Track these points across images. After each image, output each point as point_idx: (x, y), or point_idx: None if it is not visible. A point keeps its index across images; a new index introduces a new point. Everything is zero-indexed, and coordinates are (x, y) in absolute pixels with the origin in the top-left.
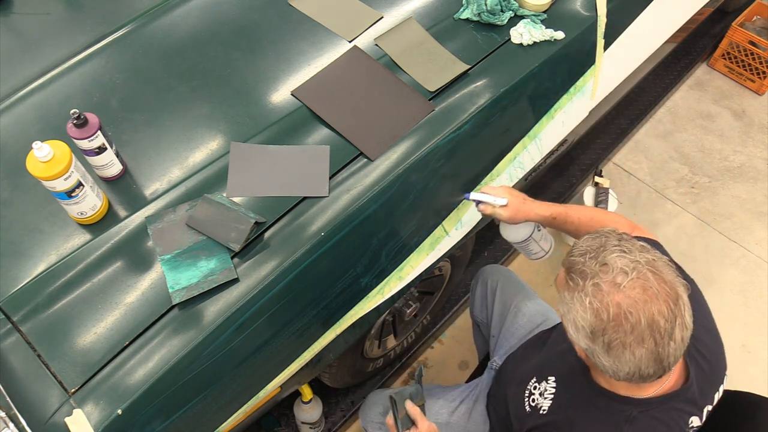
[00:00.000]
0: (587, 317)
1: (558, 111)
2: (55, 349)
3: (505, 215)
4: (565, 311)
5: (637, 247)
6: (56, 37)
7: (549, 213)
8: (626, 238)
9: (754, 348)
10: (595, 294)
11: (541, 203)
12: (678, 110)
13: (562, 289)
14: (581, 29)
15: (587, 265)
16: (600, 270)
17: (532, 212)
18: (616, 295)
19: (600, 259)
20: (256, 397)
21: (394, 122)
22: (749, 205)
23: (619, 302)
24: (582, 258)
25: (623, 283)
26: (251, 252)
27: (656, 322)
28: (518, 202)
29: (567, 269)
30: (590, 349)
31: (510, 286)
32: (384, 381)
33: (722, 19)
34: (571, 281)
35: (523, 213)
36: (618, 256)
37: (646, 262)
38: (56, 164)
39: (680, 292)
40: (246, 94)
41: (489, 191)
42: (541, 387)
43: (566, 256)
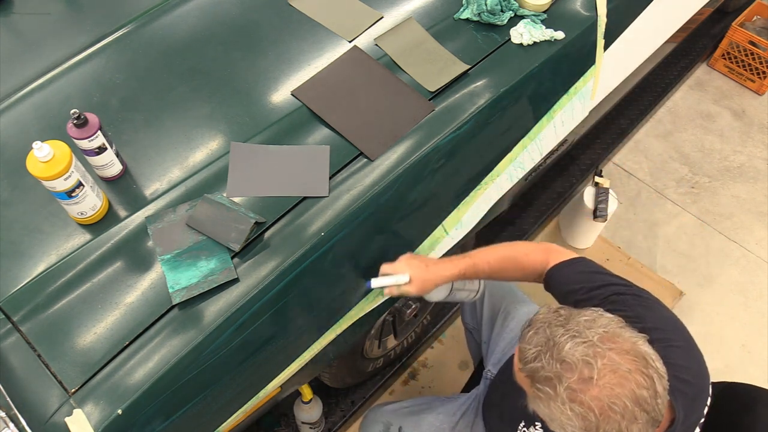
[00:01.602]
0: (574, 423)
1: (558, 111)
2: (55, 349)
3: (413, 290)
4: (546, 416)
5: (583, 323)
6: (56, 37)
7: (457, 271)
8: (566, 315)
9: (754, 348)
10: (572, 398)
11: (446, 263)
12: (678, 110)
13: (532, 397)
14: (581, 29)
15: (547, 369)
16: (563, 370)
17: (439, 277)
18: (592, 390)
19: (556, 357)
20: (256, 397)
21: (394, 122)
22: (749, 205)
23: (598, 396)
24: (538, 363)
25: (592, 375)
26: (251, 252)
27: (640, 397)
28: (422, 273)
29: (530, 378)
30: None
31: (497, 290)
32: (384, 381)
33: (722, 19)
34: (540, 392)
35: (430, 281)
36: (572, 347)
37: (599, 339)
38: (56, 164)
39: (643, 350)
40: (246, 94)
41: (389, 270)
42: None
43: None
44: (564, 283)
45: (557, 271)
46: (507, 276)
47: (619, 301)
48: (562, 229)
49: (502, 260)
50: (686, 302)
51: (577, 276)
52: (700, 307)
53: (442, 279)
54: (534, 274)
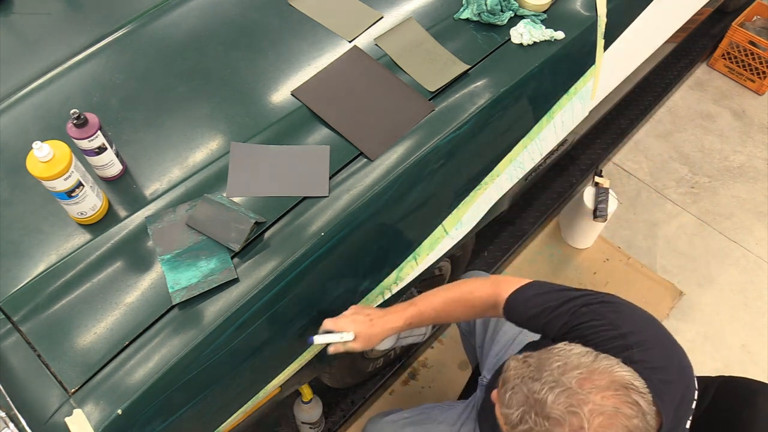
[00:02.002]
0: None
1: (558, 111)
2: (55, 349)
3: (359, 347)
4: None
5: (557, 369)
6: (56, 37)
7: (402, 322)
8: (536, 365)
9: (754, 348)
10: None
11: (392, 314)
12: (678, 110)
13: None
14: (581, 29)
15: (536, 429)
16: (552, 426)
17: (385, 331)
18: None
19: (542, 414)
20: (256, 397)
21: (394, 122)
22: (749, 205)
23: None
24: (525, 425)
25: (582, 425)
26: (251, 252)
27: (632, 427)
28: (366, 328)
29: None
30: None
31: None
32: (384, 381)
33: (722, 19)
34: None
35: (376, 336)
36: (554, 399)
37: (578, 384)
38: (56, 164)
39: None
40: (246, 94)
41: (332, 326)
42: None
43: (506, 425)
44: (524, 311)
45: (513, 300)
46: (458, 317)
47: (588, 312)
48: (562, 229)
49: (448, 303)
50: (686, 302)
51: (535, 300)
52: (700, 307)
53: (387, 332)
54: (486, 309)
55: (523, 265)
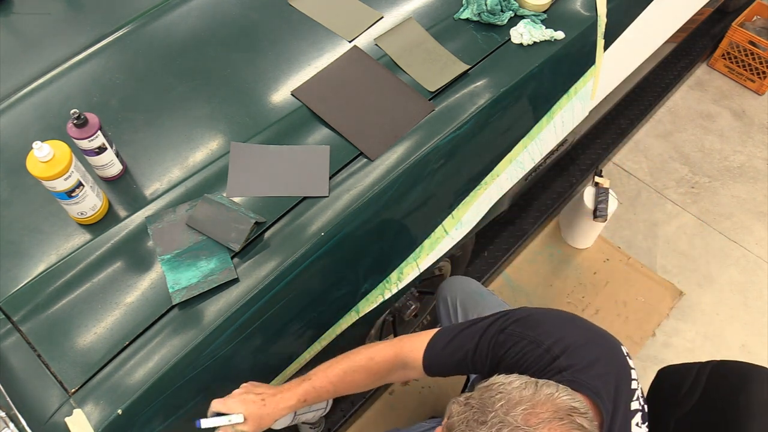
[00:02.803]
0: None
1: (558, 111)
2: (55, 349)
3: (250, 430)
4: None
5: (500, 409)
6: (56, 37)
7: (296, 400)
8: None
9: (754, 348)
10: None
11: (284, 392)
12: (678, 110)
13: None
14: (581, 29)
15: None
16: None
17: (278, 411)
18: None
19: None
20: None
21: (394, 122)
22: (749, 205)
23: None
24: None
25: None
26: (251, 252)
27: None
28: (257, 409)
29: None
30: None
31: (469, 299)
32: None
33: (722, 19)
34: None
35: (268, 417)
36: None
37: (524, 420)
38: (56, 164)
39: (562, 402)
40: (246, 94)
41: (221, 408)
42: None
43: None
44: (445, 362)
45: (429, 356)
46: (359, 386)
47: (506, 338)
48: (562, 229)
49: (347, 373)
50: (686, 302)
51: (451, 346)
52: (700, 307)
53: (281, 412)
54: (393, 372)
55: (523, 265)
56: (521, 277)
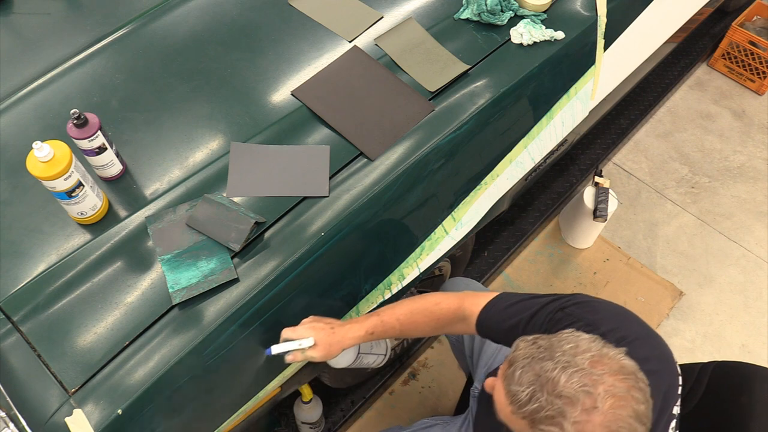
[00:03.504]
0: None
1: (558, 111)
2: (55, 349)
3: (319, 355)
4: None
5: (568, 350)
6: (56, 37)
7: (364, 331)
8: (546, 345)
9: (754, 348)
10: (580, 428)
11: (353, 324)
12: (678, 110)
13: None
14: (581, 29)
15: (548, 408)
16: (564, 405)
17: (346, 339)
18: (596, 418)
19: (554, 393)
20: (256, 397)
21: (394, 122)
22: (749, 205)
23: (603, 422)
24: (535, 403)
25: (595, 405)
26: (251, 252)
27: (639, 412)
28: (327, 336)
29: (529, 421)
30: None
31: None
32: (384, 381)
33: (722, 19)
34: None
35: (337, 344)
36: (567, 379)
37: (590, 365)
38: (56, 164)
39: (629, 364)
40: (246, 94)
41: (291, 335)
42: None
43: (512, 404)
44: (498, 324)
45: (486, 314)
46: (421, 330)
47: (564, 316)
48: (562, 229)
49: (413, 314)
50: (686, 302)
51: (508, 311)
52: (700, 307)
53: (349, 341)
54: (453, 323)
55: (523, 265)
56: (521, 277)
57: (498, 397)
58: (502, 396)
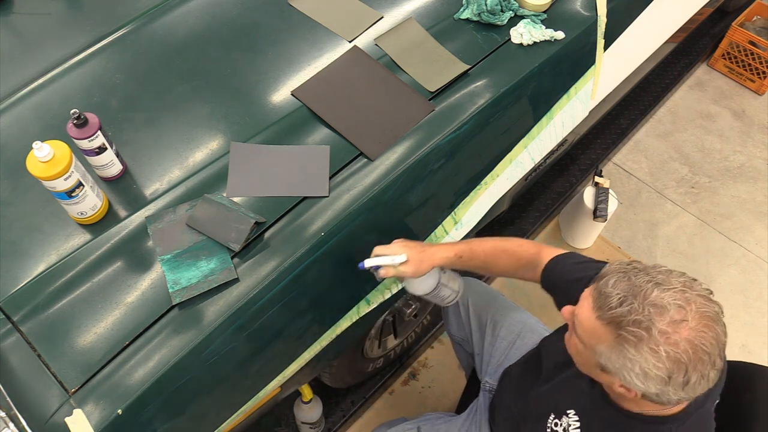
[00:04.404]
0: (664, 365)
1: (558, 111)
2: (55, 349)
3: (410, 270)
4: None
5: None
6: (56, 37)
7: (453, 254)
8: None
9: (754, 348)
10: (665, 340)
11: (441, 246)
12: (678, 110)
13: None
14: (581, 29)
15: (637, 313)
16: (654, 313)
17: (436, 258)
18: (683, 332)
19: (646, 302)
20: (256, 397)
21: (394, 122)
22: (749, 205)
23: (689, 338)
24: (626, 307)
25: (685, 318)
26: (251, 252)
27: (722, 344)
28: (417, 253)
29: (614, 324)
30: (661, 391)
31: (481, 299)
32: (384, 381)
33: (722, 19)
34: (630, 335)
35: (427, 261)
36: (660, 293)
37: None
38: (56, 164)
39: (717, 302)
40: (246, 94)
41: (384, 251)
42: (563, 423)
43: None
44: (563, 275)
45: (554, 264)
46: (500, 266)
47: None
48: (562, 229)
49: (498, 250)
50: None
51: (576, 267)
52: None
53: (438, 261)
54: (526, 267)
55: None
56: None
57: (581, 311)
58: (587, 306)
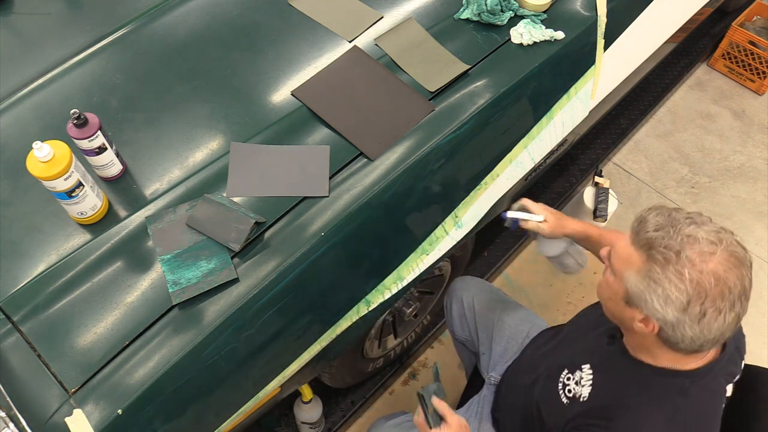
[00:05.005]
0: (686, 288)
1: (558, 111)
2: (55, 349)
3: (547, 230)
4: (644, 287)
5: (703, 217)
6: (56, 37)
7: (582, 229)
8: (682, 211)
9: (754, 348)
10: (692, 266)
11: (576, 221)
12: (678, 110)
13: (641, 265)
14: (581, 29)
15: (671, 238)
16: (686, 243)
17: (569, 227)
18: (710, 264)
19: (681, 232)
20: (256, 397)
21: (394, 122)
22: (749, 205)
23: (715, 270)
24: (661, 233)
25: (714, 252)
26: (251, 252)
27: (745, 288)
28: (555, 218)
29: (647, 246)
30: (677, 321)
31: (486, 299)
32: (384, 381)
33: (722, 19)
34: (659, 255)
35: (561, 227)
36: (695, 228)
37: (718, 228)
38: (56, 164)
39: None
40: (246, 94)
41: (528, 205)
42: (576, 377)
43: (635, 235)
44: None
45: None
46: None
47: None
48: None
49: (601, 237)
50: None
51: None
52: None
53: (570, 230)
54: None
55: (523, 265)
56: (521, 277)
57: (619, 243)
58: (625, 237)
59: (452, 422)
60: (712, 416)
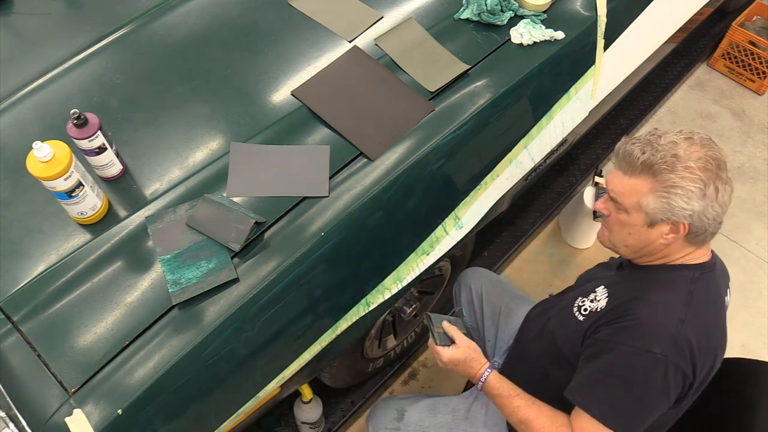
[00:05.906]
0: (699, 177)
1: (558, 111)
2: (55, 349)
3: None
4: (666, 197)
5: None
6: (56, 37)
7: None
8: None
9: (754, 348)
10: (690, 158)
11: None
12: (678, 110)
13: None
14: (581, 29)
15: (658, 151)
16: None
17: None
18: (699, 151)
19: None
20: (256, 397)
21: (394, 122)
22: (749, 205)
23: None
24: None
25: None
26: (251, 252)
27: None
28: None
29: (647, 168)
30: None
31: (495, 288)
32: (384, 381)
33: (722, 19)
34: (663, 164)
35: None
36: (666, 135)
37: (679, 130)
38: (56, 164)
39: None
40: (246, 94)
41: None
42: (590, 296)
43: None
44: None
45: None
46: None
47: None
48: (562, 229)
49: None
50: None
51: None
52: None
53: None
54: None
55: (523, 265)
56: (521, 277)
57: (613, 185)
58: (616, 179)
59: (461, 343)
60: (720, 308)
